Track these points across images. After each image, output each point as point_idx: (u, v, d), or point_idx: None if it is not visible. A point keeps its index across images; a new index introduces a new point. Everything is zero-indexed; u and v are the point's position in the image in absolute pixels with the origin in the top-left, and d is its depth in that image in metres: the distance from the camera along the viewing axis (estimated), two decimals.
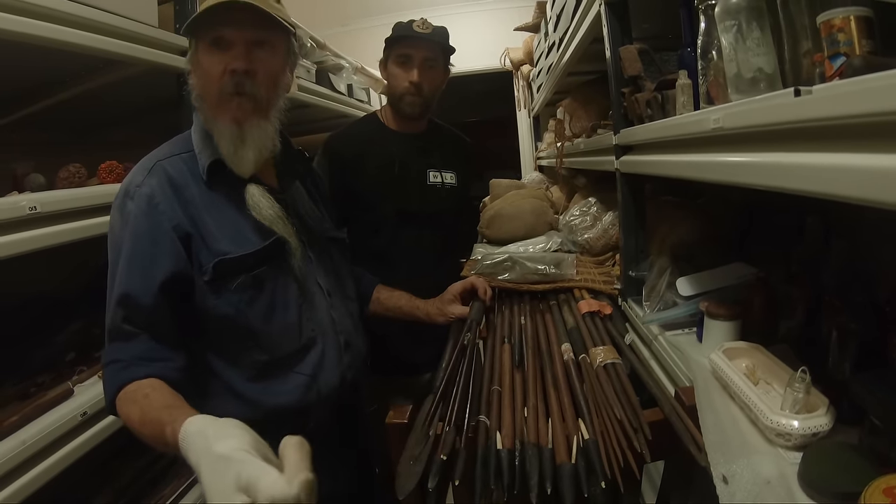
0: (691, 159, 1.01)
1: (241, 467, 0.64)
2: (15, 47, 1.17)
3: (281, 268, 1.16)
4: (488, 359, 1.31)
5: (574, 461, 0.93)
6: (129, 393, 0.96)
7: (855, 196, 0.53)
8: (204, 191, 1.11)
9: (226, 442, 0.69)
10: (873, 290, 0.99)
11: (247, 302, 1.11)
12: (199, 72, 1.11)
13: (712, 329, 1.14)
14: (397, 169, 1.86)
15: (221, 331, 1.10)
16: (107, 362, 1.00)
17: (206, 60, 1.09)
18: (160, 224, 1.04)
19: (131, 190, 1.06)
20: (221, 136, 1.11)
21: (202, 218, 1.09)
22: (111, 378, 0.99)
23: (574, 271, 1.83)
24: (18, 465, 1.09)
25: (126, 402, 0.96)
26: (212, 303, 1.08)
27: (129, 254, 1.02)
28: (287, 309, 1.16)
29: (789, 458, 0.79)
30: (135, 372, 0.98)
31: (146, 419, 0.90)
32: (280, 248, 1.16)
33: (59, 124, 1.91)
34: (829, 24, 0.71)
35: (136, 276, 1.01)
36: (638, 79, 1.38)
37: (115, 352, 1.00)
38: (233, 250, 1.09)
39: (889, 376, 0.77)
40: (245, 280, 1.10)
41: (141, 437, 0.92)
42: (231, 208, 1.13)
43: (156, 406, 0.91)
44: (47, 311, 1.63)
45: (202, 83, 1.11)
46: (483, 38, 4.49)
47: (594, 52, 1.81)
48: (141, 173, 1.08)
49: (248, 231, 1.13)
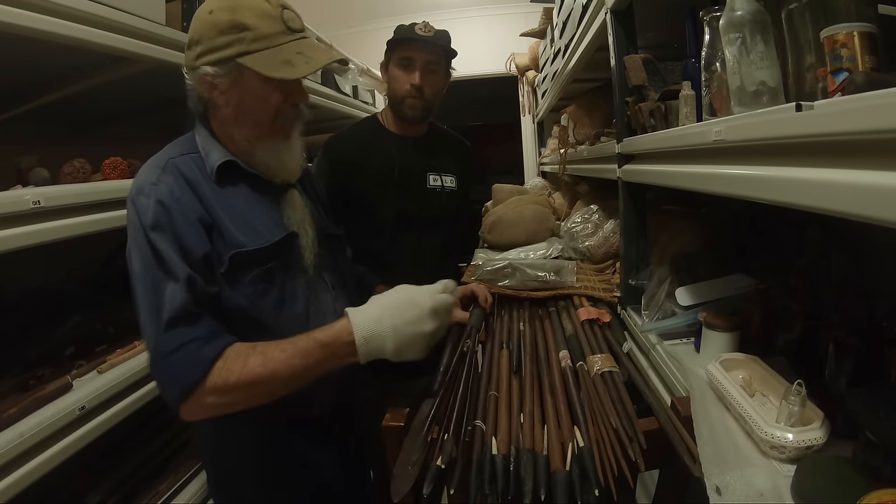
0: (693, 170, 1.01)
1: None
2: (22, 42, 1.17)
3: (290, 262, 1.20)
4: (486, 364, 1.31)
5: (568, 468, 0.93)
6: (232, 356, 1.01)
7: (854, 213, 0.53)
8: (214, 188, 1.12)
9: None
10: (872, 303, 0.99)
11: (259, 294, 1.13)
12: (253, 101, 1.14)
13: (710, 340, 1.14)
14: (397, 172, 1.85)
15: (234, 320, 1.11)
16: (176, 346, 0.99)
17: (271, 95, 1.14)
18: (186, 215, 1.05)
19: (146, 188, 1.05)
20: (275, 153, 1.19)
21: (216, 211, 1.10)
22: (198, 353, 0.99)
23: (574, 278, 1.83)
24: (16, 458, 1.10)
25: (236, 361, 1.00)
26: (226, 293, 1.10)
27: (167, 243, 1.02)
28: (295, 301, 1.19)
29: (783, 470, 0.79)
30: (224, 340, 1.02)
31: (293, 350, 1.03)
32: (290, 243, 1.19)
33: (64, 119, 1.92)
34: (832, 40, 0.71)
35: (186, 261, 1.02)
36: (642, 88, 1.38)
37: (186, 334, 1.00)
38: (247, 243, 1.11)
39: (885, 391, 0.78)
40: (258, 273, 1.13)
41: (276, 379, 1.02)
42: (240, 204, 1.15)
43: (287, 341, 1.04)
44: (48, 304, 1.64)
45: (256, 110, 1.15)
46: (489, 42, 4.51)
47: (599, 60, 1.81)
48: (154, 171, 1.08)
49: (259, 226, 1.15)
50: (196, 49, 1.10)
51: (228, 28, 1.07)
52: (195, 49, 1.10)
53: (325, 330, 1.05)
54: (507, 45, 4.44)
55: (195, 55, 1.10)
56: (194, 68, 1.11)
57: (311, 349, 1.03)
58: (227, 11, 1.07)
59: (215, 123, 1.18)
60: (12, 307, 1.56)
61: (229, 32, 1.07)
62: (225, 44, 1.08)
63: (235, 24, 1.07)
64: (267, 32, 1.09)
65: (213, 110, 1.17)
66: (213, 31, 1.08)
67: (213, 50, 1.08)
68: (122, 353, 1.52)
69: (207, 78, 1.10)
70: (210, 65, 1.09)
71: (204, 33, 1.09)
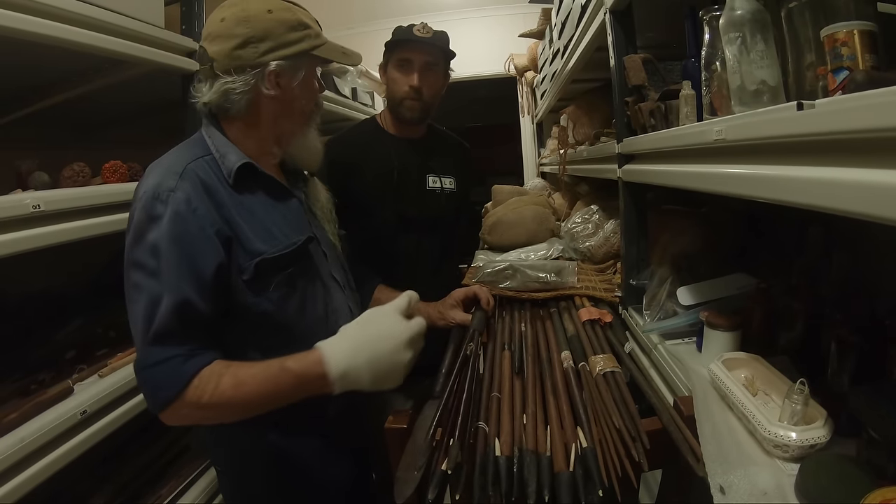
0: (693, 170, 1.01)
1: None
2: (21, 46, 1.17)
3: (309, 264, 1.22)
4: (488, 365, 1.31)
5: (572, 469, 0.93)
6: (207, 376, 1.00)
7: (855, 211, 0.53)
8: (231, 192, 1.12)
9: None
10: (873, 301, 0.99)
11: (284, 298, 1.15)
12: (307, 92, 1.23)
13: (712, 339, 1.14)
14: (396, 174, 1.85)
15: (260, 326, 1.13)
16: (157, 361, 1.00)
17: (314, 87, 1.26)
18: (203, 228, 1.04)
19: (163, 194, 1.04)
20: (309, 141, 1.29)
21: (234, 219, 1.10)
22: (175, 372, 0.99)
23: (575, 279, 1.83)
24: (17, 463, 1.10)
25: (209, 381, 1.00)
26: (252, 300, 1.11)
27: (177, 259, 1.01)
28: (315, 302, 1.22)
29: (787, 469, 0.79)
30: (203, 359, 1.02)
31: (263, 376, 1.02)
32: (308, 247, 1.22)
33: (64, 123, 1.92)
34: (832, 38, 0.71)
35: (190, 282, 1.02)
36: (642, 88, 1.38)
37: (168, 351, 1.00)
38: (268, 250, 1.12)
39: (888, 389, 0.77)
40: (282, 278, 1.14)
41: (245, 402, 1.02)
42: (258, 208, 1.16)
43: (260, 365, 1.03)
44: (48, 308, 1.64)
45: (308, 100, 1.25)
46: (488, 43, 4.50)
47: (598, 60, 1.81)
48: (172, 177, 1.06)
49: (276, 231, 1.16)
50: (262, 45, 1.12)
51: (297, 25, 1.15)
52: (260, 46, 1.12)
53: (297, 360, 1.04)
54: (505, 45, 4.43)
55: (261, 51, 1.12)
56: (259, 65, 1.12)
57: (281, 378, 1.03)
58: (289, 11, 1.16)
59: (235, 124, 1.18)
60: (13, 311, 1.56)
61: (297, 30, 1.16)
62: (296, 39, 1.15)
63: (301, 23, 1.16)
64: (318, 32, 1.21)
65: (260, 109, 1.18)
66: (282, 27, 1.13)
67: (284, 45, 1.14)
68: (123, 356, 1.51)
69: (275, 71, 1.13)
70: (283, 59, 1.14)
71: (272, 30, 1.12)
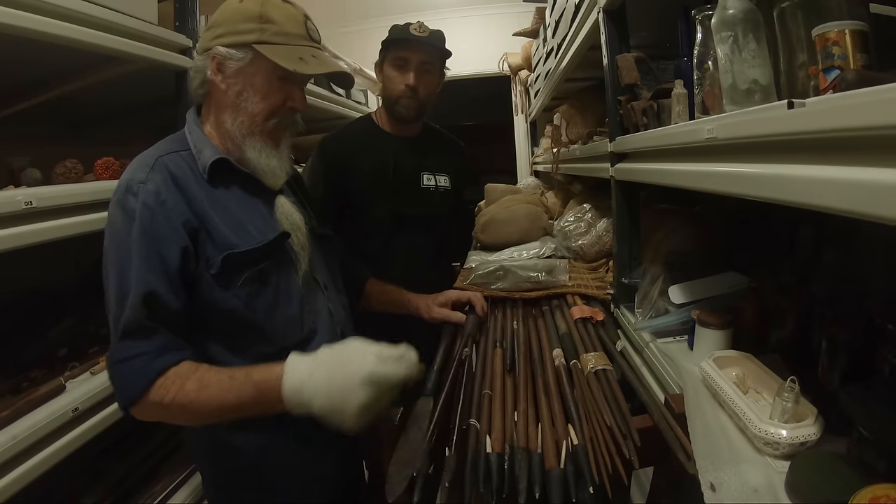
0: (685, 168, 1.01)
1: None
2: (14, 42, 1.16)
3: (283, 262, 1.19)
4: (480, 363, 1.32)
5: (563, 466, 0.94)
6: (172, 377, 1.00)
7: (846, 209, 0.53)
8: (205, 187, 1.12)
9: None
10: (864, 300, 0.99)
11: (253, 295, 1.12)
12: (254, 93, 1.14)
13: (703, 337, 1.14)
14: (391, 172, 1.85)
15: (227, 323, 1.12)
16: (126, 357, 1.00)
17: (273, 93, 1.15)
18: (170, 220, 1.04)
19: (134, 186, 1.05)
20: (263, 155, 1.18)
21: (206, 213, 1.09)
22: (141, 370, 0.99)
23: (566, 277, 1.83)
24: (9, 460, 1.09)
25: (174, 383, 0.99)
26: (219, 296, 1.10)
27: (145, 251, 1.01)
28: (290, 302, 1.19)
29: (777, 466, 0.80)
30: (169, 359, 1.01)
31: (229, 383, 1.01)
32: (283, 244, 1.19)
33: (56, 119, 1.91)
34: (824, 38, 0.71)
35: (157, 274, 1.01)
36: (635, 87, 1.39)
37: (137, 347, 1.00)
38: (239, 244, 1.11)
39: (878, 387, 0.78)
40: (251, 274, 1.12)
41: (207, 406, 1.00)
42: (232, 204, 1.15)
43: (228, 371, 1.02)
44: (40, 306, 1.63)
45: (254, 102, 1.14)
46: (482, 42, 4.50)
47: (592, 59, 1.81)
48: (143, 170, 1.07)
49: (251, 226, 1.15)
50: (215, 31, 1.13)
51: (254, 17, 1.11)
52: (214, 31, 1.13)
53: (262, 370, 1.03)
54: (499, 44, 4.43)
55: (213, 36, 1.13)
56: (207, 48, 1.13)
57: (244, 387, 1.01)
58: (257, 4, 1.12)
59: (210, 116, 1.18)
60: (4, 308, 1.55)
61: (254, 21, 1.11)
62: (246, 30, 1.11)
63: (261, 16, 1.11)
64: (289, 31, 1.14)
65: (212, 97, 1.17)
66: (238, 16, 1.12)
67: (232, 33, 1.12)
68: None
69: (217, 58, 1.12)
70: (225, 46, 1.11)
71: (228, 17, 1.12)
